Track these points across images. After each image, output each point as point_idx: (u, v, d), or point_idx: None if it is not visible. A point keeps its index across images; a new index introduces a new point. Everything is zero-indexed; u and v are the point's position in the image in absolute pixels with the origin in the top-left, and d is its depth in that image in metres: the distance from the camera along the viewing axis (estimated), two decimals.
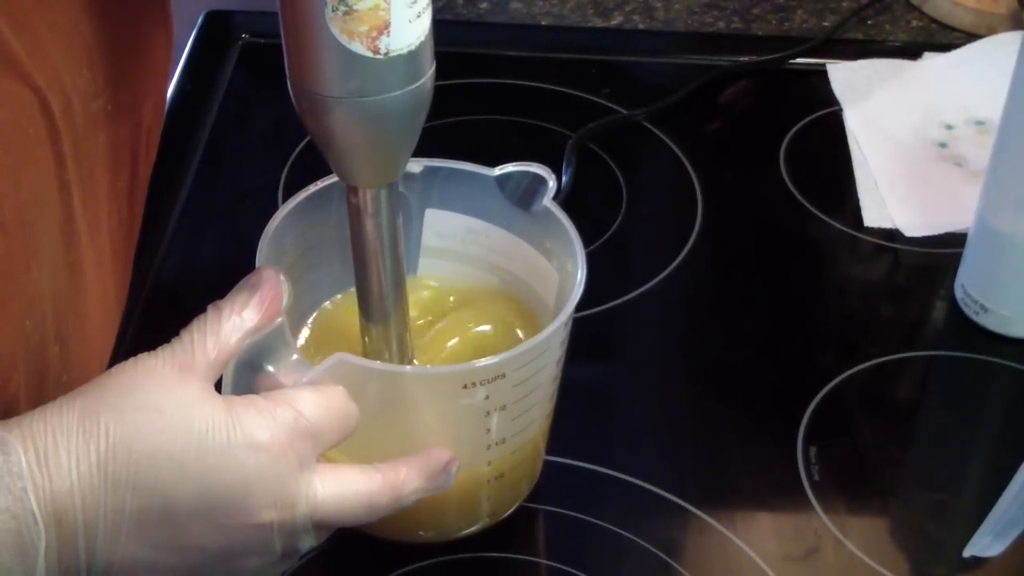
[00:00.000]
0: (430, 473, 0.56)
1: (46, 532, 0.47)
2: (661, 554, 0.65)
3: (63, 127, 0.56)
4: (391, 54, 0.50)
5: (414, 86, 0.52)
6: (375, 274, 0.58)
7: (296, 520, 0.52)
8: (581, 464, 0.70)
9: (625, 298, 0.80)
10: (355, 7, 0.48)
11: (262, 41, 1.01)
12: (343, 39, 0.49)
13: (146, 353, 0.52)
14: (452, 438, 0.60)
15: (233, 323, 0.54)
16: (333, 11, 0.48)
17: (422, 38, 0.51)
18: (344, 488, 0.53)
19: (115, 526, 0.48)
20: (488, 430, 0.60)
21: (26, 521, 0.47)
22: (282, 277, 0.56)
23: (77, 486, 0.48)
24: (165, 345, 0.53)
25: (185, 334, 0.53)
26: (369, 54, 0.50)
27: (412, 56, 0.50)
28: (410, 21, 0.50)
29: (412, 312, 0.62)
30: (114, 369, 0.52)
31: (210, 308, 0.54)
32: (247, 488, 0.50)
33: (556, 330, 0.59)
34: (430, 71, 0.52)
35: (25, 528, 0.47)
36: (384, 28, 0.49)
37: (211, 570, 0.51)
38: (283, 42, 0.51)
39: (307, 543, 0.53)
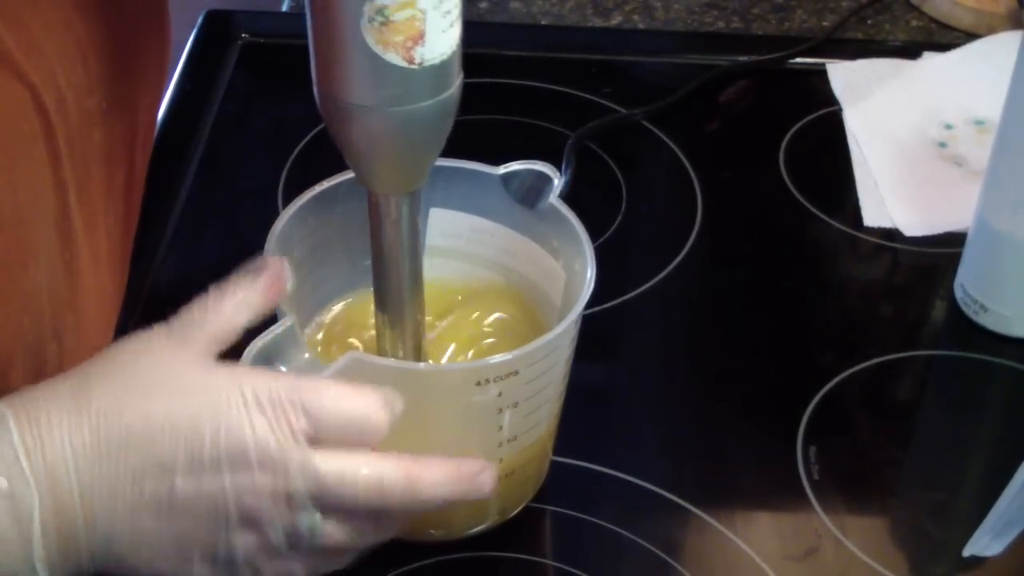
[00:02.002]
0: (456, 476, 0.55)
1: (39, 495, 0.47)
2: (661, 553, 0.65)
3: (58, 124, 0.56)
4: (425, 64, 0.50)
5: (444, 95, 0.52)
6: (394, 278, 0.58)
7: (290, 487, 0.51)
8: (581, 463, 0.70)
9: (625, 297, 0.80)
10: (392, 17, 0.48)
11: (262, 41, 1.01)
12: (378, 49, 0.49)
13: (143, 330, 0.52)
14: (464, 435, 0.60)
15: (235, 300, 0.54)
16: (369, 22, 0.48)
17: (454, 47, 0.51)
18: (348, 465, 0.52)
19: (111, 489, 0.49)
20: (500, 427, 0.60)
21: (19, 486, 0.47)
22: (286, 263, 0.56)
23: (70, 450, 0.48)
24: (163, 322, 0.53)
25: (184, 312, 0.53)
26: (404, 64, 0.49)
27: (444, 65, 0.51)
28: (443, 31, 0.49)
29: None
30: (111, 346, 0.52)
31: (212, 289, 0.54)
32: (242, 453, 0.50)
33: (568, 327, 0.59)
34: (459, 79, 0.52)
35: (19, 493, 0.47)
36: (419, 38, 0.49)
37: (211, 542, 0.51)
38: (311, 50, 0.51)
39: (308, 522, 0.52)
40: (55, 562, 0.49)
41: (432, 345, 0.65)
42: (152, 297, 0.79)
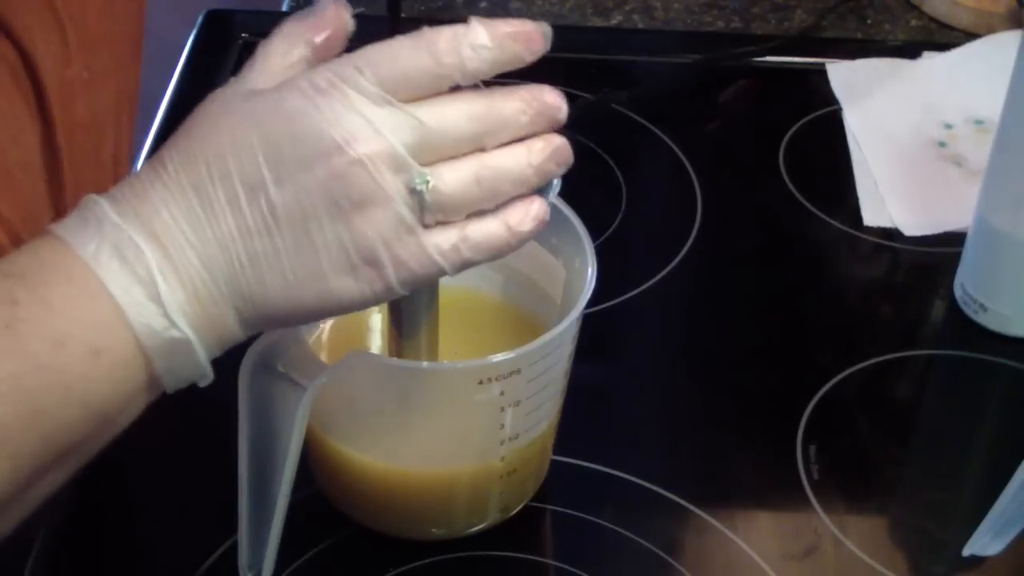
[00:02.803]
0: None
1: (151, 254, 0.46)
2: (661, 553, 0.65)
3: (51, 90, 0.56)
4: None
5: None
6: (408, 297, 0.58)
7: (383, 147, 0.47)
8: (581, 463, 0.70)
9: (624, 297, 0.80)
10: None
11: (262, 41, 1.01)
12: None
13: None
14: (467, 433, 0.60)
15: (286, 41, 0.51)
16: None
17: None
18: (426, 106, 0.48)
19: (218, 234, 0.47)
20: (502, 426, 0.60)
21: (129, 250, 0.46)
22: (343, 9, 0.52)
23: (166, 212, 0.47)
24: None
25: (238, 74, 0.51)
26: None
27: None
28: None
29: None
30: None
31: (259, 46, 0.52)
32: (320, 137, 0.47)
33: (570, 325, 0.59)
34: None
35: (131, 256, 0.46)
36: None
37: (336, 246, 0.48)
38: None
39: (419, 177, 0.48)
40: (197, 323, 0.47)
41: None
42: None
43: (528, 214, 0.51)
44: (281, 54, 0.51)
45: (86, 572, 0.65)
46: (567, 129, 0.52)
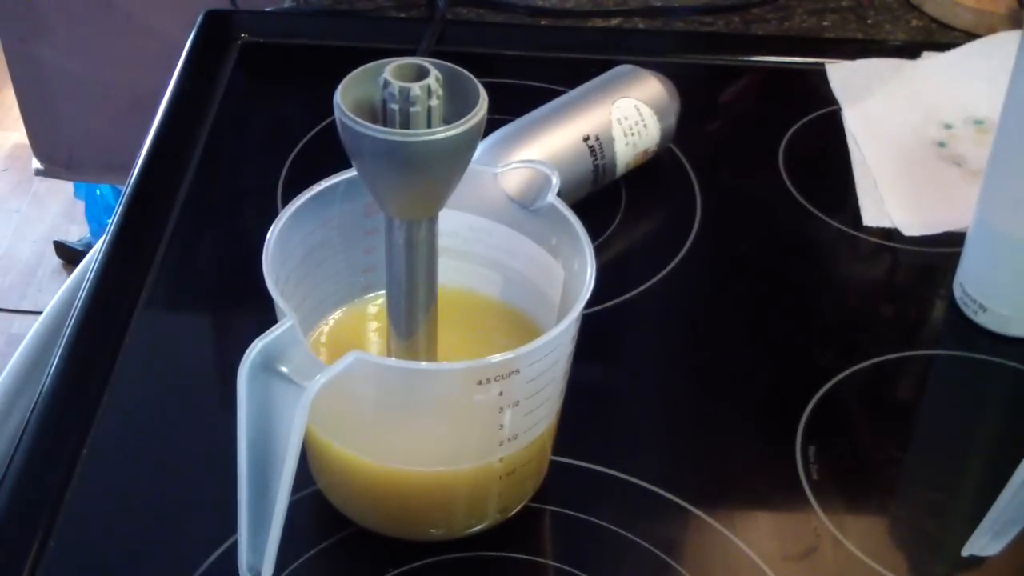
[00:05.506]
0: None
1: None
2: (660, 553, 0.65)
3: None
4: None
5: (466, 127, 0.53)
6: (407, 298, 0.58)
7: None
8: (581, 463, 0.70)
9: (623, 297, 0.80)
10: None
11: (262, 41, 1.01)
12: None
13: None
14: (465, 434, 0.60)
15: None
16: None
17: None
18: None
19: None
20: (501, 426, 0.60)
21: None
22: None
23: None
24: None
25: None
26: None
27: None
28: None
29: None
30: None
31: None
32: None
33: (569, 325, 0.59)
34: (483, 105, 0.54)
35: None
36: None
37: None
38: None
39: None
40: None
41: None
42: (153, 296, 0.79)
43: None
44: None
45: (86, 572, 0.65)
46: None
